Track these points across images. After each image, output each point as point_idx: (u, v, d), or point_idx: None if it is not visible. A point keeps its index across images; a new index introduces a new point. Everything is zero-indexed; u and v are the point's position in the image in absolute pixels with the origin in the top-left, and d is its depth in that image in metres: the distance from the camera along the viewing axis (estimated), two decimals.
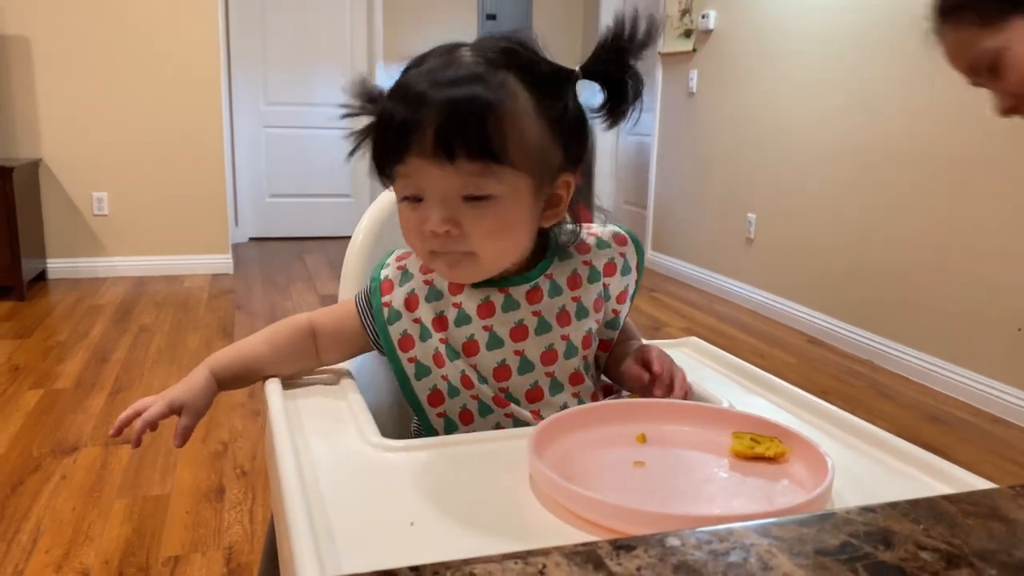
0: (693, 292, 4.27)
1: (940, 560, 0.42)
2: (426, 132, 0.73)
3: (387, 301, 0.86)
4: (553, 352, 0.84)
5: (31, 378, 2.68)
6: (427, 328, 0.84)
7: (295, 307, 3.72)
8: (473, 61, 0.76)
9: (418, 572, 0.39)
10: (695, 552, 0.41)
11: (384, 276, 0.88)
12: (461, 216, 0.75)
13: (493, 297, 0.83)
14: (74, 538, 1.72)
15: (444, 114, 0.72)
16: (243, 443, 2.22)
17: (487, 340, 0.83)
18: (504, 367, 0.83)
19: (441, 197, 0.75)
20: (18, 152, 4.02)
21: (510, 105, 0.74)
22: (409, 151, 0.74)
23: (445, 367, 0.83)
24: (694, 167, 4.38)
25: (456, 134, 0.72)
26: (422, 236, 0.78)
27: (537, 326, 0.83)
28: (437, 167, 0.74)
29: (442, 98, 0.73)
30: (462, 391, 0.83)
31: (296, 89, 5.44)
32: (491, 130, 0.73)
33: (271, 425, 0.78)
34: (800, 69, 3.52)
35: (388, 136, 0.76)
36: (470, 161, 0.73)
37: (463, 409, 0.84)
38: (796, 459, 0.69)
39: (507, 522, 0.60)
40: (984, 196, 2.63)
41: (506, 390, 0.83)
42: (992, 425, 2.52)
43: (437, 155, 0.73)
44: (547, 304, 0.84)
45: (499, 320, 0.83)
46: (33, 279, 3.93)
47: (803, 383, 2.78)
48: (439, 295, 0.85)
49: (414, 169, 0.75)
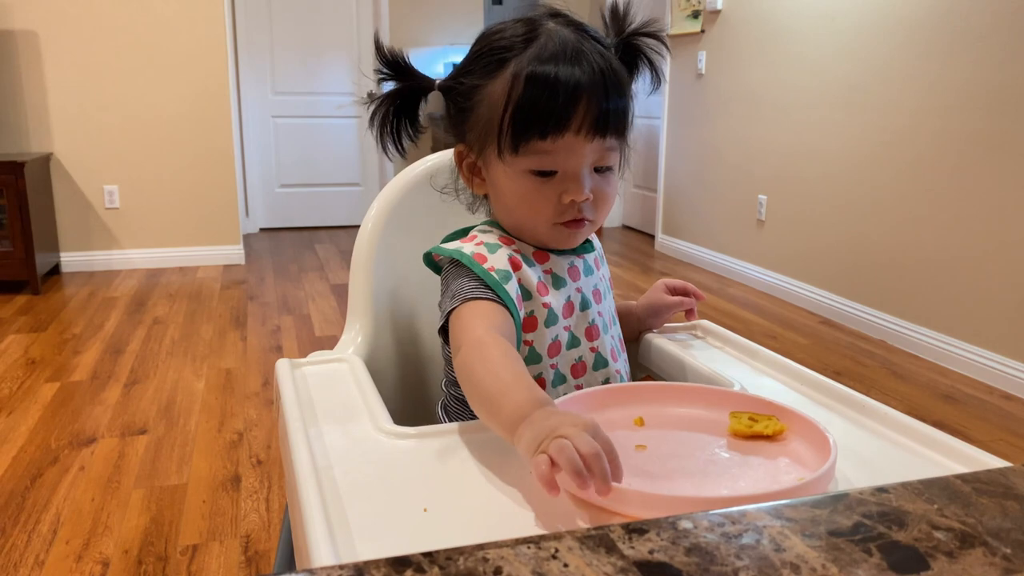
0: (704, 275, 4.26)
1: (954, 539, 0.42)
2: (590, 110, 0.77)
3: (490, 266, 0.81)
4: (612, 317, 0.92)
5: (47, 371, 2.70)
6: (528, 292, 0.83)
7: (307, 297, 3.73)
8: (589, 44, 0.79)
9: (431, 558, 0.39)
10: (708, 535, 0.41)
11: (471, 252, 0.83)
12: (595, 186, 0.81)
13: (576, 263, 0.89)
14: (93, 528, 1.74)
15: (606, 90, 0.77)
16: (258, 432, 2.23)
17: (580, 301, 0.87)
18: (594, 327, 0.88)
19: (583, 169, 0.80)
20: (29, 147, 4.04)
21: (629, 83, 0.82)
22: (567, 129, 0.77)
23: (555, 326, 0.85)
24: (704, 149, 4.36)
25: (611, 115, 0.78)
26: (558, 207, 0.81)
27: (605, 290, 0.92)
28: (588, 143, 0.78)
29: (594, 80, 0.77)
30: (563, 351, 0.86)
31: (304, 78, 5.43)
32: (628, 109, 0.81)
33: (284, 414, 0.78)
34: (809, 48, 3.49)
35: (547, 113, 0.77)
36: (613, 137, 0.80)
37: (577, 362, 0.87)
38: (795, 436, 0.69)
39: (519, 507, 0.60)
40: (995, 173, 2.60)
41: (596, 350, 0.88)
42: (1005, 403, 2.50)
43: (595, 132, 0.78)
44: (601, 273, 0.93)
45: (585, 283, 0.88)
46: (47, 273, 3.96)
47: (816, 364, 2.78)
48: (530, 262, 0.85)
49: (561, 146, 0.78)
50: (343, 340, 1.03)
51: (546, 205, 0.81)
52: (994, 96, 2.59)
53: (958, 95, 2.73)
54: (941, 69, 2.80)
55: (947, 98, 2.78)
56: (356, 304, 1.05)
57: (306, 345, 3.02)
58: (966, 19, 2.69)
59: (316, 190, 5.61)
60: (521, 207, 0.83)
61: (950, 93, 2.77)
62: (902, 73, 2.98)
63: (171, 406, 2.41)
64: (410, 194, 1.08)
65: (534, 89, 0.77)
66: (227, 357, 2.87)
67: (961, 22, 2.71)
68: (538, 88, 0.76)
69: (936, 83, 2.82)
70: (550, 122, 0.76)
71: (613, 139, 0.80)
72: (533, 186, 0.80)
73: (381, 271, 1.05)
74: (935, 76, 2.83)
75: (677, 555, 0.39)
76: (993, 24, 2.59)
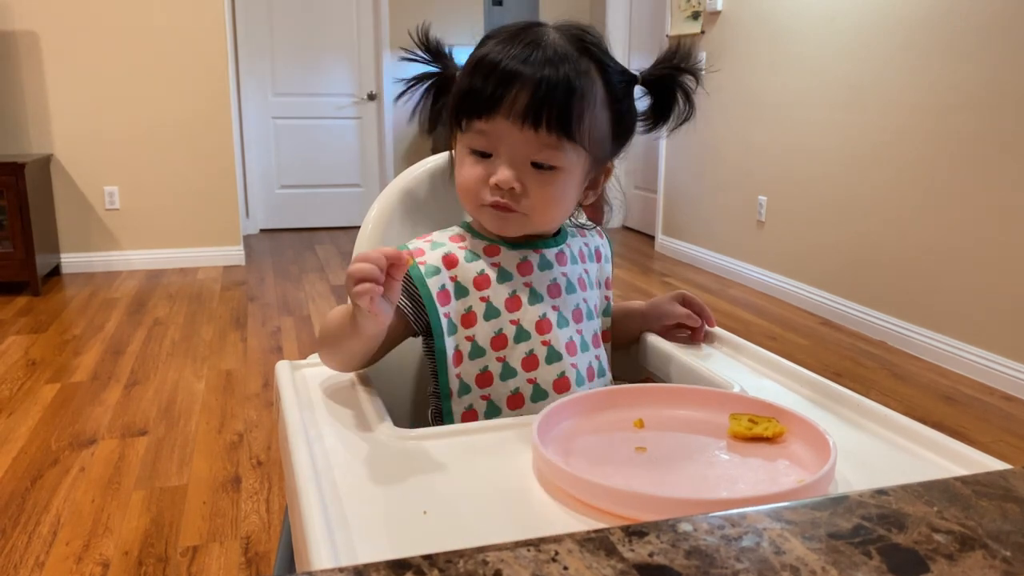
0: (704, 276, 4.26)
1: (954, 542, 0.42)
2: (519, 98, 0.80)
3: (421, 261, 0.86)
4: (579, 311, 0.91)
5: (48, 372, 2.70)
6: (463, 287, 0.86)
7: (307, 298, 3.73)
8: (562, 44, 0.83)
9: (431, 560, 0.39)
10: (708, 537, 0.41)
11: (414, 246, 0.88)
12: (527, 179, 0.83)
13: (530, 257, 0.89)
14: (94, 529, 1.74)
15: (539, 86, 0.79)
16: (258, 433, 2.23)
17: (528, 295, 0.88)
18: (545, 320, 0.87)
19: (515, 157, 0.82)
20: (30, 148, 4.05)
21: (591, 91, 0.83)
22: (498, 111, 0.81)
23: (497, 319, 0.86)
24: (704, 150, 4.36)
25: (546, 106, 0.79)
26: (484, 187, 0.84)
27: (567, 286, 0.91)
28: (519, 131, 0.80)
29: (539, 72, 0.80)
30: (511, 344, 0.86)
31: (304, 80, 5.43)
32: (574, 109, 0.81)
33: (284, 416, 0.78)
34: (809, 49, 3.49)
35: (481, 93, 0.81)
36: (549, 133, 0.80)
37: (528, 355, 0.86)
38: (794, 438, 0.69)
39: (519, 510, 0.60)
40: (995, 173, 2.60)
41: (548, 343, 0.87)
42: (1006, 404, 2.50)
43: (524, 121, 0.80)
44: (571, 269, 0.92)
45: (538, 278, 0.89)
46: (47, 274, 3.96)
47: (815, 364, 2.78)
48: (476, 256, 0.88)
49: (496, 128, 0.81)
50: None
51: (478, 184, 0.84)
52: (994, 96, 2.59)
53: (958, 95, 2.73)
54: (941, 69, 2.80)
55: (947, 98, 2.78)
56: None
57: (306, 346, 3.02)
58: (966, 19, 2.69)
59: (316, 191, 5.61)
60: (460, 183, 0.87)
61: (950, 93, 2.77)
62: (902, 73, 2.98)
63: (171, 407, 2.41)
64: (410, 195, 1.08)
65: (476, 69, 0.82)
66: (227, 358, 2.87)
67: (961, 22, 2.71)
68: (480, 69, 0.82)
69: (936, 83, 2.82)
70: (482, 102, 0.81)
71: (554, 136, 0.80)
72: (471, 163, 0.85)
73: None
74: (935, 76, 2.83)
75: (677, 558, 0.40)
76: (992, 24, 2.59)
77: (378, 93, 5.56)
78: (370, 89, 5.57)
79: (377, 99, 5.57)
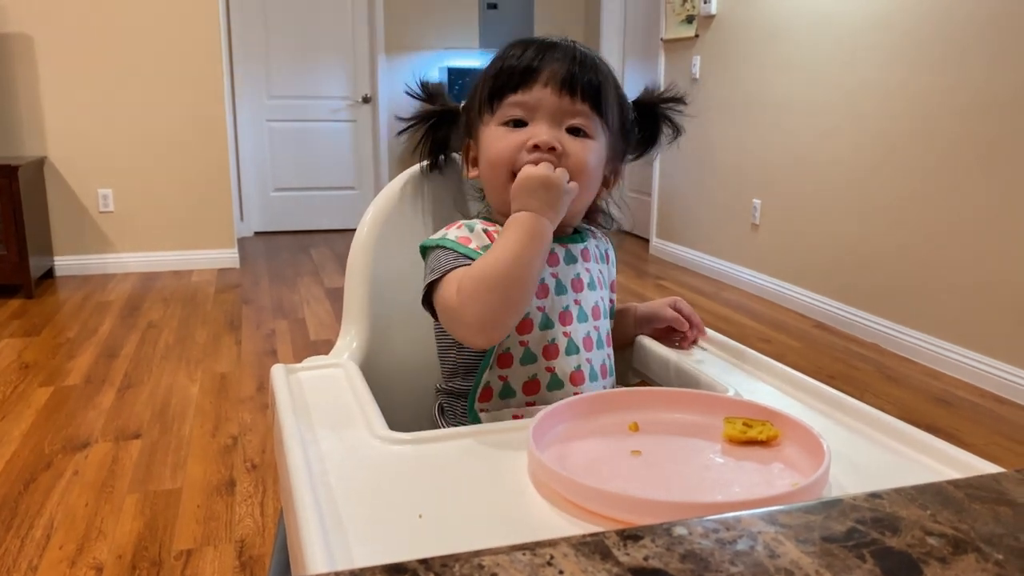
0: (698, 279, 4.26)
1: (947, 545, 0.42)
2: (556, 70, 0.87)
3: (475, 246, 0.87)
4: (597, 309, 0.93)
5: (41, 375, 2.69)
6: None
7: (302, 301, 3.72)
8: (583, 46, 0.91)
9: (427, 564, 0.39)
10: (702, 541, 0.42)
11: (455, 236, 0.88)
12: (565, 141, 0.86)
13: (557, 250, 0.91)
14: (87, 533, 1.73)
15: (574, 59, 0.88)
16: (252, 437, 2.23)
17: (555, 285, 0.90)
18: (568, 312, 0.89)
19: (553, 121, 0.87)
20: (23, 150, 4.03)
21: (611, 81, 0.91)
22: (536, 80, 0.87)
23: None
24: (698, 153, 4.37)
25: (581, 75, 0.87)
26: (520, 152, 0.86)
27: (589, 282, 0.93)
28: (557, 97, 0.86)
29: (571, 51, 0.89)
30: (535, 330, 0.87)
31: (298, 82, 5.43)
32: (602, 85, 0.89)
33: (279, 419, 0.78)
34: (803, 52, 3.50)
35: (517, 67, 0.88)
36: (583, 101, 0.87)
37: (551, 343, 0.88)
38: (789, 442, 0.70)
39: (515, 513, 0.60)
40: (988, 177, 2.61)
41: (569, 335, 0.89)
42: (998, 406, 2.51)
43: (562, 87, 0.86)
44: (592, 267, 0.95)
45: (563, 270, 0.91)
46: (41, 277, 3.94)
47: (809, 368, 2.79)
48: None
49: (534, 96, 0.87)
50: (338, 345, 1.03)
51: (514, 151, 0.87)
52: (990, 101, 2.61)
53: (954, 100, 2.74)
54: (937, 74, 2.81)
55: (942, 103, 2.79)
56: (351, 308, 1.05)
57: (301, 349, 3.01)
58: (962, 25, 2.70)
59: (311, 194, 5.60)
60: (494, 155, 0.88)
61: (945, 98, 2.78)
62: (897, 78, 3.00)
63: (165, 410, 2.41)
64: (406, 198, 1.08)
65: (508, 54, 0.90)
66: (221, 361, 2.86)
67: (957, 28, 2.72)
68: (512, 52, 0.89)
69: (931, 88, 2.84)
70: (518, 74, 0.87)
71: (587, 106, 0.87)
72: (503, 134, 0.88)
73: (376, 275, 1.05)
74: (931, 81, 2.84)
75: (672, 561, 0.40)
76: (989, 30, 2.60)
77: (373, 96, 5.56)
78: (365, 92, 5.57)
79: (372, 102, 5.57)
